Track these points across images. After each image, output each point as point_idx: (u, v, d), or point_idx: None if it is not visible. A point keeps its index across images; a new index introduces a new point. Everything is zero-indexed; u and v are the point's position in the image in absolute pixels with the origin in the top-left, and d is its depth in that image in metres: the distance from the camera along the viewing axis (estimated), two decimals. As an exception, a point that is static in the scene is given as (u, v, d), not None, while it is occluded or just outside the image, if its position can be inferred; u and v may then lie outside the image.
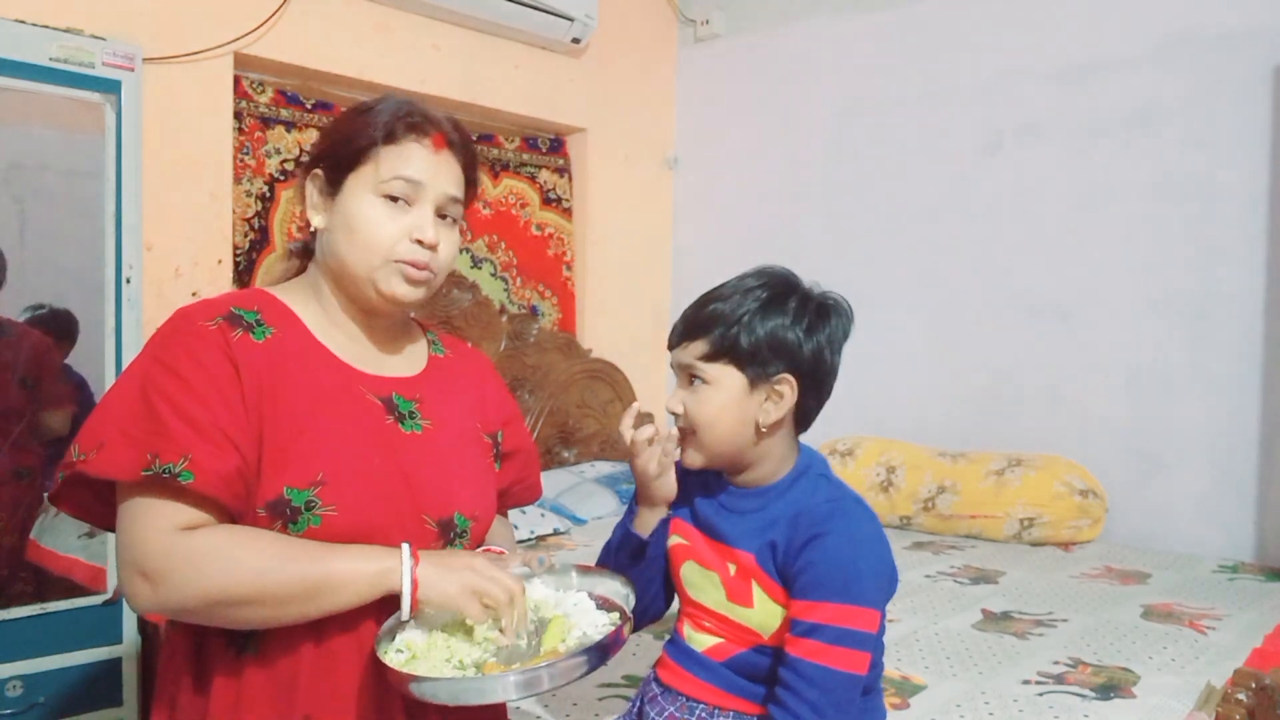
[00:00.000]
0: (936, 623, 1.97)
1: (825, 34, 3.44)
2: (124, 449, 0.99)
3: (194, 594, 0.97)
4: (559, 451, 3.38)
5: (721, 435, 1.14)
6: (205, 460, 0.98)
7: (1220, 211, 2.66)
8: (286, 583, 0.98)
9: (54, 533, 2.23)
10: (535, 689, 0.96)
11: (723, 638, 1.14)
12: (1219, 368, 2.67)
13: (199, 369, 1.02)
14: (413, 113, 1.11)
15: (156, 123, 2.36)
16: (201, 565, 0.97)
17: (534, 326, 3.35)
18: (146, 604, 0.99)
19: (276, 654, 1.04)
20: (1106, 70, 2.84)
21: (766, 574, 1.10)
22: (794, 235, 3.52)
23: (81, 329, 2.22)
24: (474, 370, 1.29)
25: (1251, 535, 2.62)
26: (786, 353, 1.12)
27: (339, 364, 1.12)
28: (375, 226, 1.08)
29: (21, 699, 2.05)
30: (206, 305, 1.09)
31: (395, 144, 1.09)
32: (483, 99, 3.20)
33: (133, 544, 0.99)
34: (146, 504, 0.99)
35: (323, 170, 1.12)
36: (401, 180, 1.08)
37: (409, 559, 1.02)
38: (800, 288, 1.16)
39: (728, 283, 1.16)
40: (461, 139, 1.15)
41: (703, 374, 1.13)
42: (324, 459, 1.04)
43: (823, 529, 1.07)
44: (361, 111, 1.13)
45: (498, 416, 1.28)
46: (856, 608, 1.04)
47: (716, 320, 1.12)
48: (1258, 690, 1.46)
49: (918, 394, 3.22)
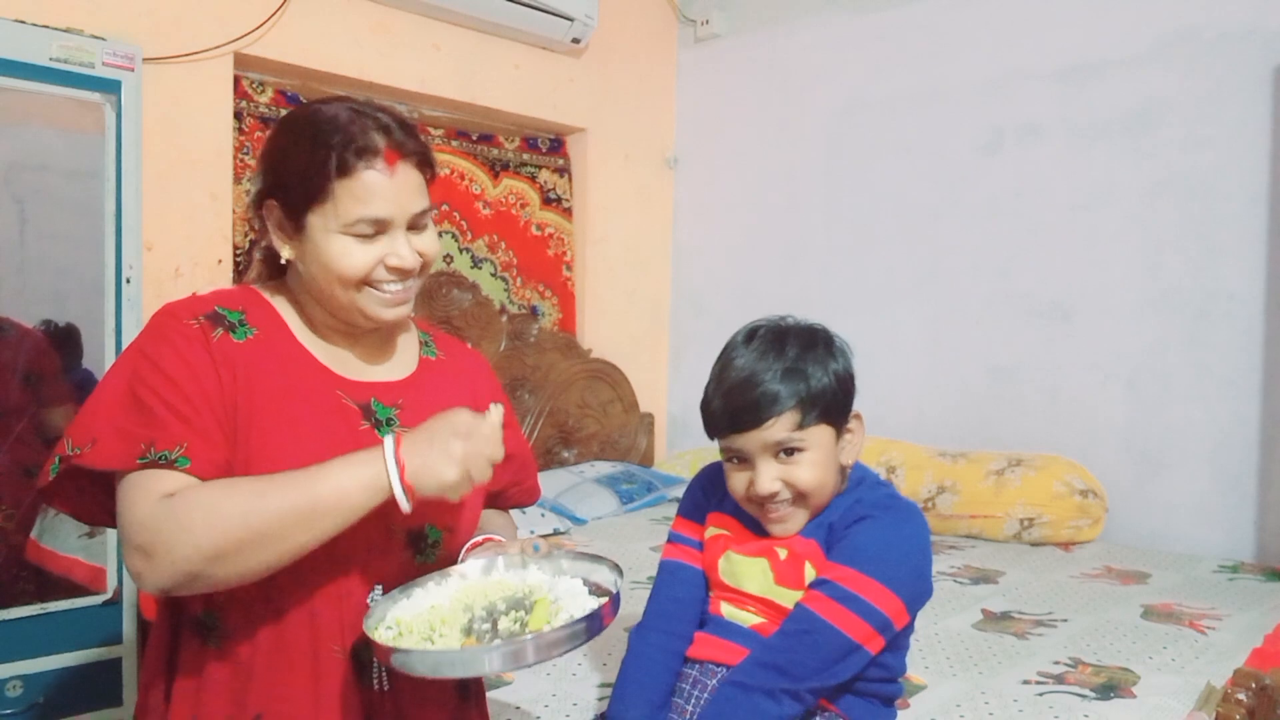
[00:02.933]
0: (936, 623, 1.97)
1: (825, 34, 3.44)
2: (117, 441, 1.00)
3: (188, 553, 0.95)
4: (559, 451, 3.38)
5: (826, 491, 1.17)
6: (199, 449, 1.00)
7: (1220, 211, 2.66)
8: (276, 517, 0.96)
9: (54, 533, 2.23)
10: (519, 662, 0.96)
11: (766, 619, 1.17)
12: (1219, 368, 2.67)
13: (183, 366, 1.03)
14: (357, 132, 1.05)
15: (156, 123, 2.37)
16: (186, 522, 0.96)
17: (534, 326, 3.35)
18: (150, 579, 0.97)
19: (235, 646, 1.05)
20: (1106, 70, 2.84)
21: (823, 553, 1.15)
22: (794, 235, 3.52)
23: (81, 329, 2.22)
24: (467, 371, 1.28)
25: (1251, 535, 2.62)
26: (850, 394, 1.18)
27: (319, 368, 1.12)
28: (346, 261, 1.06)
29: (21, 699, 2.05)
30: (191, 303, 1.10)
31: (349, 177, 1.04)
32: (483, 99, 3.20)
33: (127, 524, 0.99)
34: (135, 479, 0.99)
35: (278, 203, 1.08)
36: (365, 222, 1.06)
37: (393, 458, 0.99)
38: (806, 328, 1.20)
39: (761, 352, 1.16)
40: (408, 137, 1.09)
41: (800, 443, 1.14)
42: (291, 462, 1.03)
43: (871, 514, 1.14)
44: (304, 136, 1.07)
45: None
46: (874, 581, 1.09)
47: (796, 389, 1.14)
48: (1258, 690, 1.46)
49: (918, 394, 3.22)
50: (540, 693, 1.56)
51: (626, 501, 3.06)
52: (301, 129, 1.08)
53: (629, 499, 3.08)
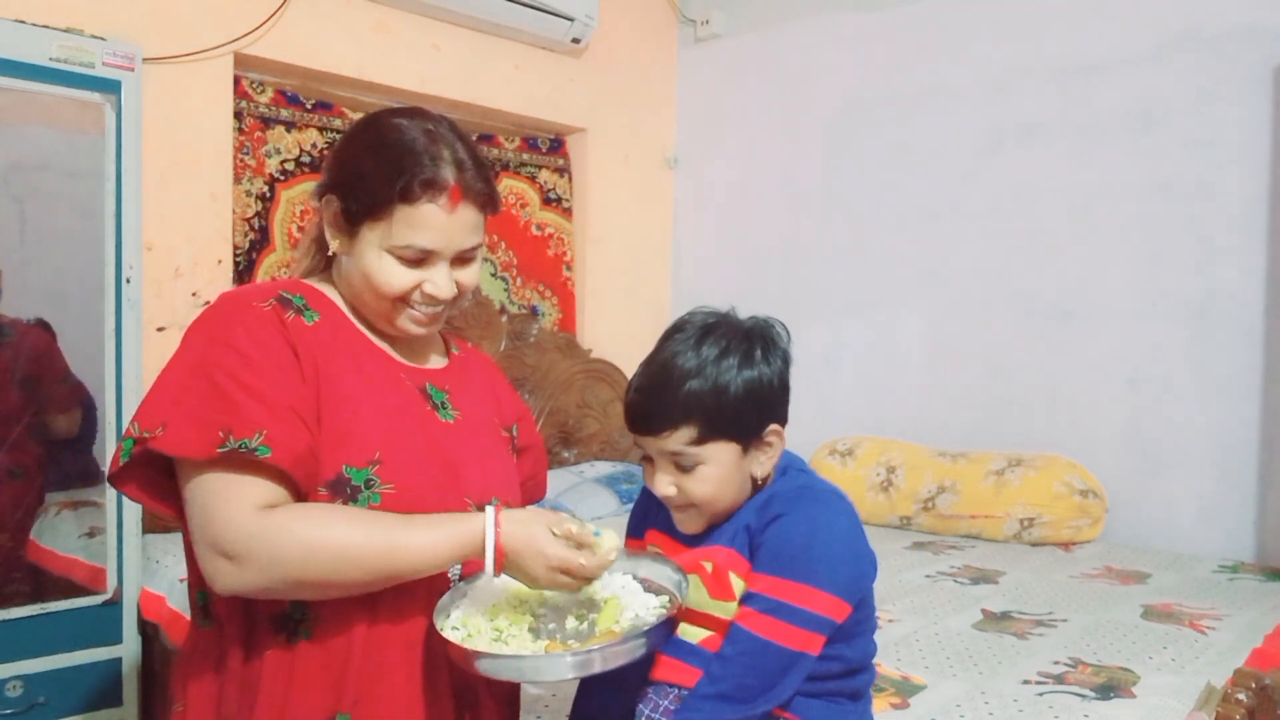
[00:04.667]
0: (936, 623, 1.97)
1: (825, 34, 3.44)
2: (192, 427, 0.98)
3: (278, 574, 0.97)
4: (559, 451, 3.38)
5: (725, 501, 1.13)
6: (279, 436, 0.99)
7: (1220, 211, 2.66)
8: (368, 557, 0.99)
9: (54, 532, 2.23)
10: (591, 669, 0.98)
11: (713, 631, 1.13)
12: (1219, 368, 2.66)
13: (261, 348, 1.02)
14: (428, 163, 1.07)
15: (156, 123, 2.36)
16: (283, 547, 0.97)
17: (534, 326, 3.35)
18: (230, 584, 0.99)
19: (329, 638, 1.04)
20: (1106, 70, 2.84)
21: (743, 558, 1.11)
22: (794, 235, 3.52)
23: (82, 329, 2.22)
24: (485, 369, 1.33)
25: (1251, 535, 2.62)
26: (770, 404, 1.11)
27: (379, 351, 1.15)
28: (388, 279, 1.09)
29: (21, 699, 2.05)
30: (256, 289, 1.11)
31: (411, 205, 1.07)
32: (483, 99, 3.20)
33: (211, 524, 0.98)
34: (224, 481, 0.98)
35: (338, 202, 1.11)
36: (414, 249, 1.09)
37: (492, 529, 1.02)
38: (748, 326, 1.13)
39: (679, 350, 1.10)
40: (478, 178, 1.11)
41: (696, 458, 1.10)
42: (379, 439, 1.06)
43: (785, 510, 1.09)
44: (380, 151, 1.09)
45: (512, 412, 1.32)
46: (802, 585, 1.05)
47: (697, 403, 1.07)
48: (1258, 690, 1.46)
49: (918, 394, 3.22)
50: (540, 692, 1.56)
51: (626, 501, 3.06)
52: (379, 142, 1.10)
53: (629, 499, 3.07)
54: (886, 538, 2.79)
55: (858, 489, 3.01)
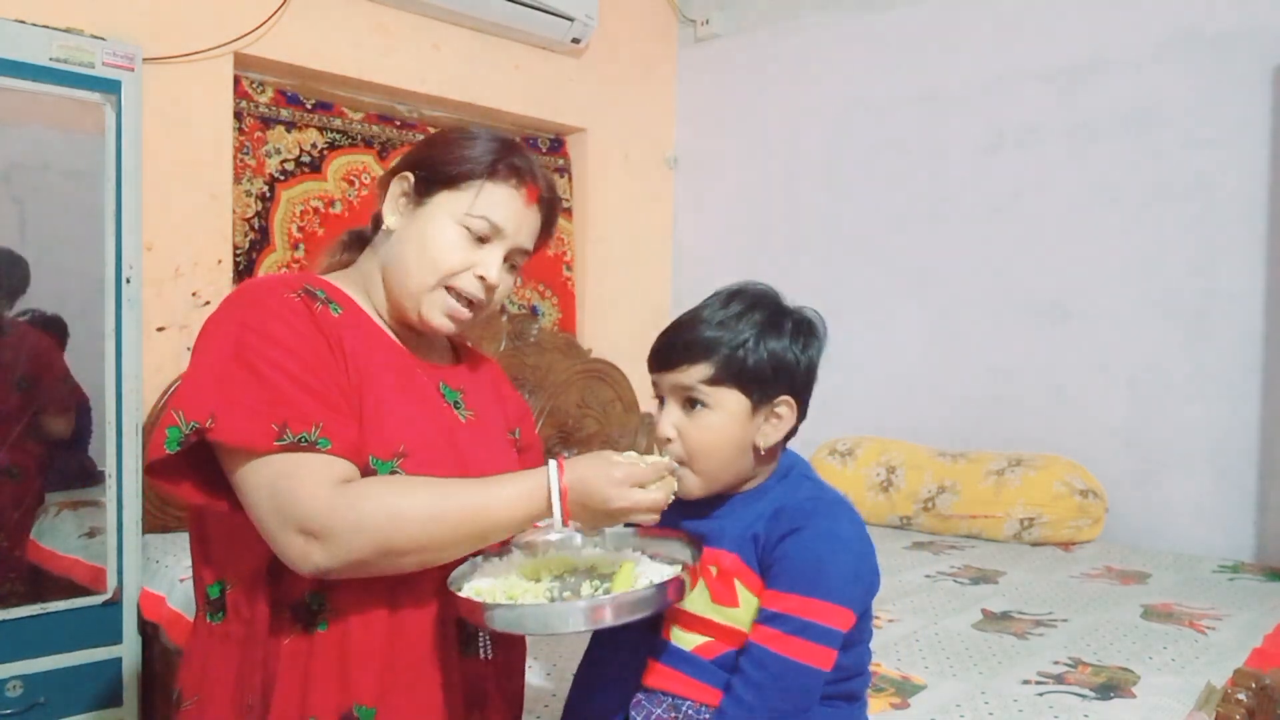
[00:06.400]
0: (936, 623, 1.97)
1: (825, 34, 3.44)
2: (245, 418, 0.97)
3: (364, 545, 0.97)
4: (559, 451, 3.37)
5: (722, 461, 1.12)
6: (335, 428, 1.00)
7: (1220, 211, 2.66)
8: (452, 523, 1.00)
9: (54, 533, 2.24)
10: (600, 622, 0.98)
11: (711, 637, 1.13)
12: (1219, 368, 2.66)
13: (300, 338, 1.02)
14: (519, 157, 1.14)
15: (156, 123, 2.36)
16: (368, 518, 0.97)
17: (534, 326, 3.35)
18: (319, 561, 0.97)
19: (347, 629, 1.04)
20: (1106, 70, 2.84)
21: (750, 569, 1.10)
22: (794, 235, 3.52)
23: (82, 329, 2.22)
24: (490, 371, 1.35)
25: (1251, 535, 2.62)
26: (788, 374, 1.12)
27: (399, 347, 1.16)
28: (446, 250, 1.11)
29: (21, 699, 2.05)
30: (280, 279, 1.10)
31: (495, 181, 1.12)
32: (483, 99, 3.20)
33: (289, 503, 0.97)
34: (294, 462, 0.98)
35: (415, 176, 1.13)
36: (488, 221, 1.12)
37: (556, 479, 1.03)
38: (788, 306, 1.16)
39: (710, 304, 1.14)
40: (550, 197, 1.19)
41: (705, 398, 1.10)
42: (404, 432, 1.07)
43: (800, 524, 1.08)
44: (471, 137, 1.16)
45: (516, 413, 1.34)
46: (824, 603, 1.04)
47: (718, 343, 1.10)
48: (1258, 690, 1.46)
49: (918, 394, 3.22)
50: (540, 693, 1.56)
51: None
52: (473, 134, 1.17)
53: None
54: (886, 538, 2.79)
55: (858, 489, 3.01)
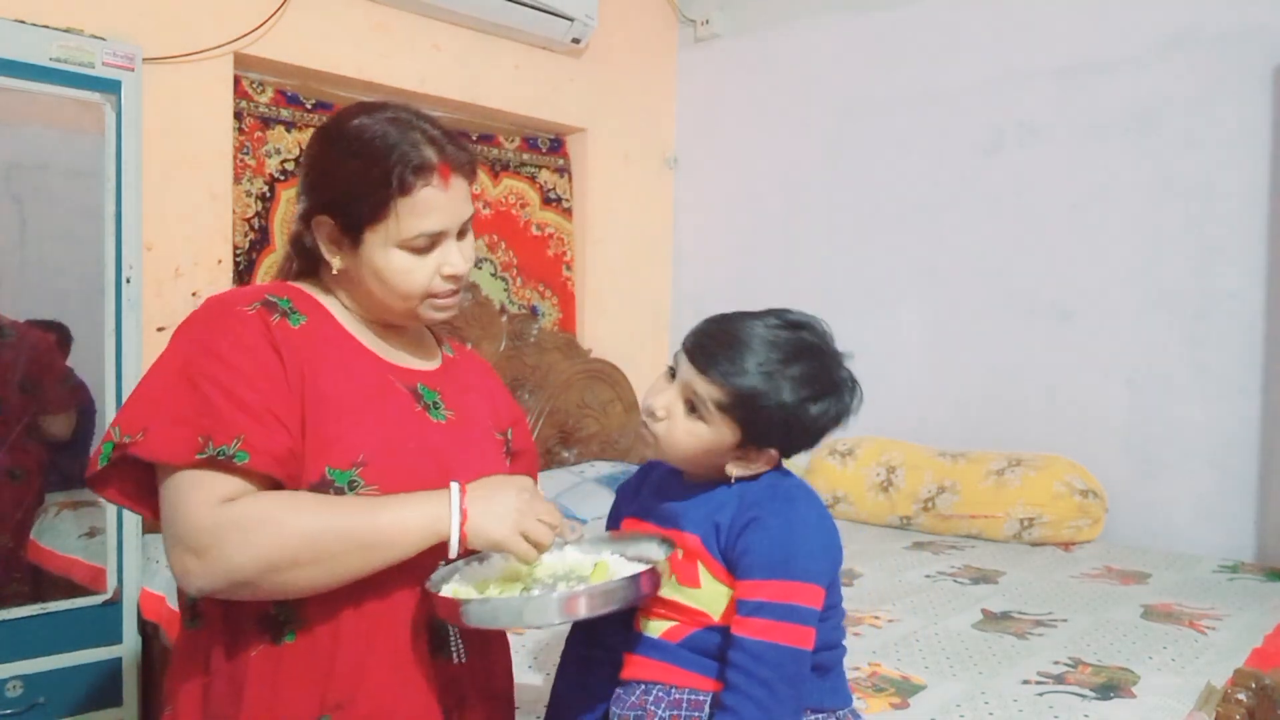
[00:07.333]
0: (936, 623, 1.97)
1: (825, 34, 3.44)
2: (172, 432, 0.98)
3: (244, 561, 0.96)
4: (559, 451, 3.38)
5: (688, 460, 1.15)
6: (258, 440, 0.99)
7: (1220, 211, 2.66)
8: (337, 540, 0.99)
9: (54, 533, 2.24)
10: (574, 614, 1.00)
11: (677, 620, 1.15)
12: (1219, 368, 2.66)
13: (244, 353, 1.02)
14: (410, 149, 1.07)
15: (156, 123, 2.36)
16: (248, 532, 0.97)
17: (534, 326, 3.35)
18: (198, 580, 0.98)
19: (315, 638, 1.04)
20: (1106, 70, 2.84)
21: (711, 555, 1.12)
22: (794, 235, 3.52)
23: (82, 329, 2.22)
24: (478, 370, 1.33)
25: (1251, 535, 2.62)
26: (796, 436, 1.12)
27: (369, 354, 1.15)
28: (406, 275, 1.10)
29: (21, 699, 2.05)
30: (241, 293, 1.10)
31: (409, 195, 1.07)
32: (483, 99, 3.20)
33: (178, 520, 0.98)
34: (192, 479, 0.98)
35: (332, 220, 1.10)
36: (425, 236, 1.09)
37: (458, 507, 1.03)
38: (837, 373, 1.12)
39: (768, 335, 1.09)
40: (458, 149, 1.12)
41: (707, 414, 1.10)
42: (364, 441, 1.06)
43: (761, 511, 1.10)
44: (356, 155, 1.08)
45: (507, 416, 1.32)
46: (799, 584, 1.07)
47: (751, 388, 1.07)
48: (1258, 690, 1.46)
49: (918, 394, 3.22)
50: (540, 693, 1.56)
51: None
52: (350, 146, 1.09)
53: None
54: (886, 538, 2.79)
55: (858, 489, 3.01)
